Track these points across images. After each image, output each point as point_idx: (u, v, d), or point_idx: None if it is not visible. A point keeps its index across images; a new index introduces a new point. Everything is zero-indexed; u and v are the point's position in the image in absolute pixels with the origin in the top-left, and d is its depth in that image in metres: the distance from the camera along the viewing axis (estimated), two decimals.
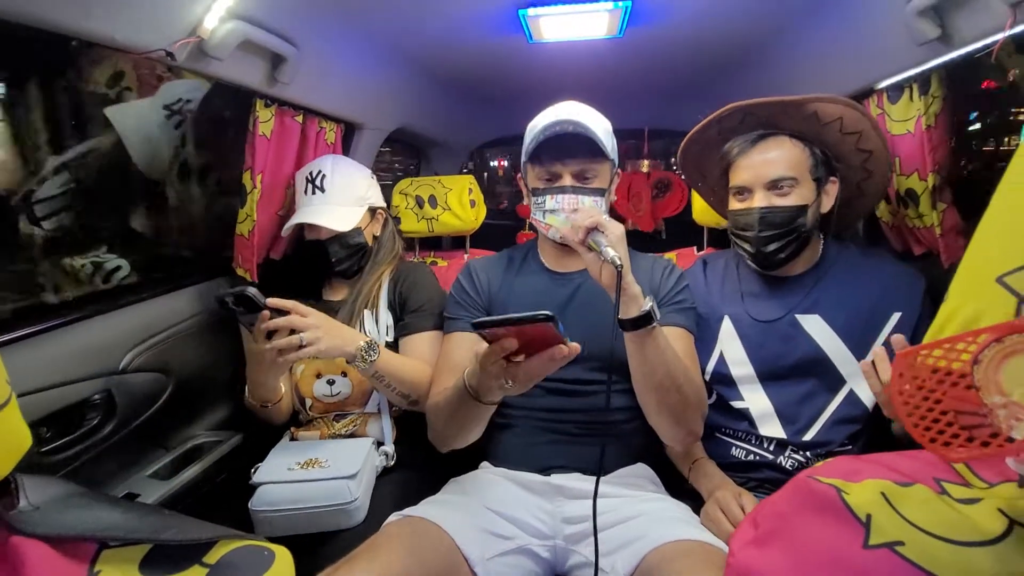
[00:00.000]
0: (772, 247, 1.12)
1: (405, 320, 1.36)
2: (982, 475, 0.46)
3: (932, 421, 0.43)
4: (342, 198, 1.37)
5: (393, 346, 1.35)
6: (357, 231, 1.38)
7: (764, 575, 0.47)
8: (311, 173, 1.37)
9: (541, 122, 1.11)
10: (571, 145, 1.08)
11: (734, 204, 1.18)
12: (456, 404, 0.98)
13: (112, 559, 0.44)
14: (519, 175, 1.24)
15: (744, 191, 1.15)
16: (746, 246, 1.16)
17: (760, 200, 1.12)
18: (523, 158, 1.17)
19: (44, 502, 0.44)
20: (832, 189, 1.16)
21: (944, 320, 0.50)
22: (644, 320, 0.93)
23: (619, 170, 1.20)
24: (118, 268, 1.61)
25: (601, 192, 1.12)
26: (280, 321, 1.06)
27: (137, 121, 1.75)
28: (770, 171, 1.10)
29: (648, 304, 0.93)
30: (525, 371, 0.83)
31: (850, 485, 0.47)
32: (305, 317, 1.08)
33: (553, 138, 1.08)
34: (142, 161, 1.73)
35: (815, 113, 1.09)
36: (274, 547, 0.50)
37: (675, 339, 1.12)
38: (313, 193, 1.36)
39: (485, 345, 0.82)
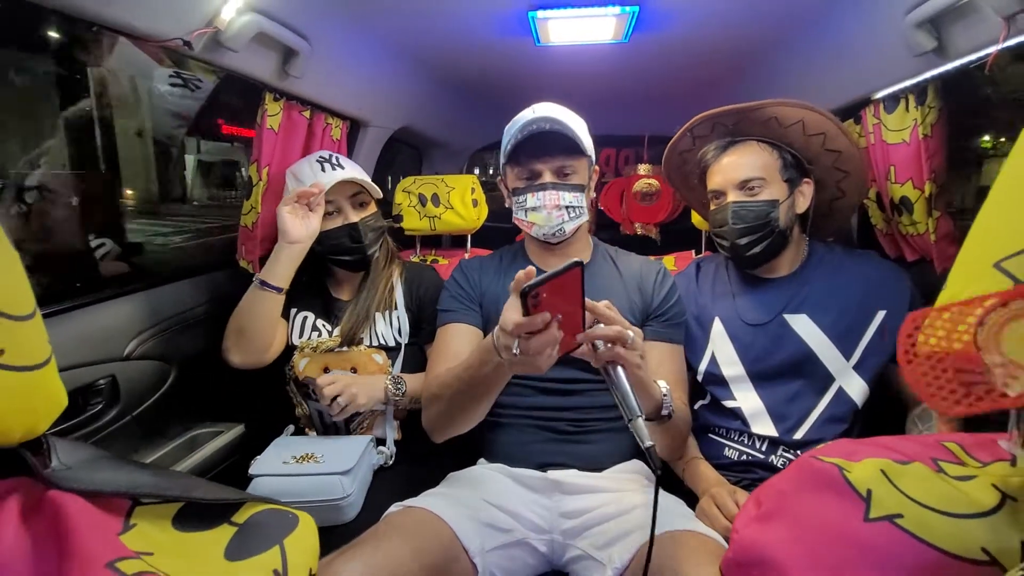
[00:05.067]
0: (745, 240, 1.15)
1: (426, 328, 1.36)
2: (976, 456, 0.48)
3: (933, 378, 0.46)
4: (361, 176, 1.35)
5: (409, 348, 1.36)
6: (376, 214, 1.37)
7: (767, 550, 0.49)
8: (322, 156, 1.34)
9: (517, 123, 1.11)
10: (548, 143, 1.10)
11: (712, 208, 1.23)
12: (475, 370, 0.92)
13: (146, 514, 0.45)
14: (500, 178, 1.24)
15: (718, 194, 1.20)
16: (723, 243, 1.20)
17: (732, 199, 1.16)
18: (502, 160, 1.18)
19: (75, 463, 0.45)
20: (807, 190, 1.20)
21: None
22: (661, 417, 0.96)
23: (597, 167, 1.22)
24: (101, 244, 1.63)
25: (581, 188, 1.14)
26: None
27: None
28: (738, 173, 1.16)
29: (668, 407, 0.95)
30: (538, 343, 0.75)
31: (851, 464, 0.49)
32: (331, 385, 1.17)
33: (530, 137, 1.09)
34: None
35: (775, 118, 1.15)
36: (297, 512, 0.51)
37: (667, 356, 1.14)
38: (333, 170, 1.30)
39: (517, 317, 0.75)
